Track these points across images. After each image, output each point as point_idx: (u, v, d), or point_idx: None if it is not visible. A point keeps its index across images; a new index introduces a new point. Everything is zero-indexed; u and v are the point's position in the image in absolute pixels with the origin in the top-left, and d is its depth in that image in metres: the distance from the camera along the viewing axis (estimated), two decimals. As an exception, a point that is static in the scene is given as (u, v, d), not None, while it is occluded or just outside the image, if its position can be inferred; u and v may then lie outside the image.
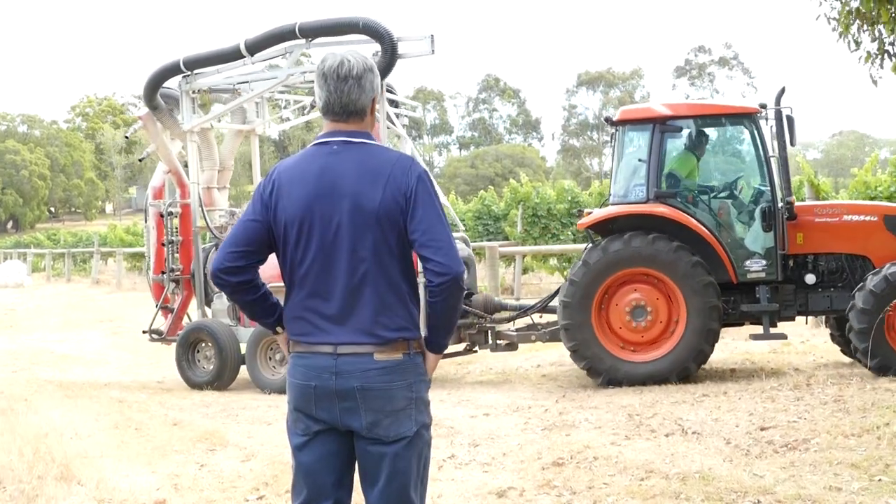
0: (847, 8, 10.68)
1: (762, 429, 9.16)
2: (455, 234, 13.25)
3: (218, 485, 7.97)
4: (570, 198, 26.04)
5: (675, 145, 12.94)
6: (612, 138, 13.41)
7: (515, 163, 74.01)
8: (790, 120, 12.22)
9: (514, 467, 8.16)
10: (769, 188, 12.42)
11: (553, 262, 25.63)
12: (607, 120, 13.12)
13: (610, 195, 12.99)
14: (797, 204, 12.52)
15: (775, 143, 12.31)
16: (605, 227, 12.57)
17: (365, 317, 4.13)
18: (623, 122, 12.89)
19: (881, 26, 10.44)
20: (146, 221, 15.54)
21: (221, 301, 14.19)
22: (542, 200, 26.09)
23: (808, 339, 15.55)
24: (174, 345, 14.33)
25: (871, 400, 10.25)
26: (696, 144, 12.84)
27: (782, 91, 12.42)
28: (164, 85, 14.71)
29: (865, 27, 10.63)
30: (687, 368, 12.09)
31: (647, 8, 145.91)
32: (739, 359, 13.91)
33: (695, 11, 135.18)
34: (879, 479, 7.25)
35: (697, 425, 9.45)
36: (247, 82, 14.55)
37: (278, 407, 11.20)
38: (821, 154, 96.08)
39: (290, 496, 4.44)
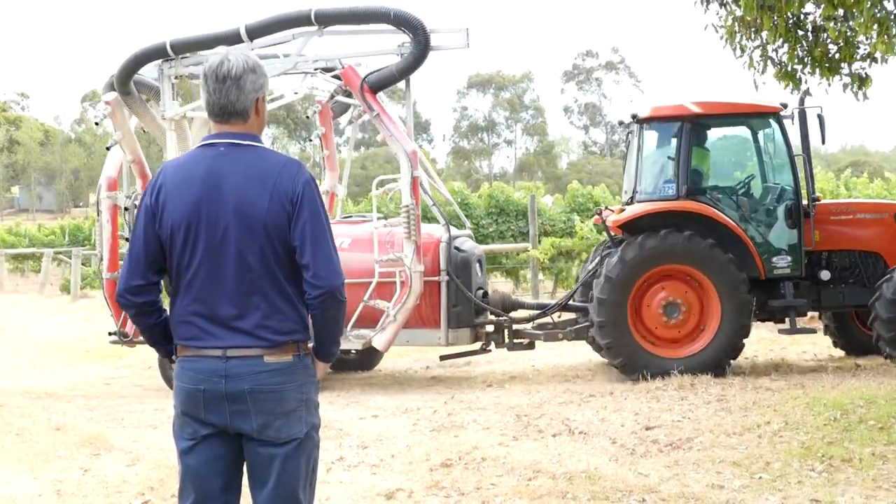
0: (731, 16, 10.91)
1: (647, 428, 9.31)
2: (462, 231, 13.12)
3: (102, 490, 7.84)
4: (459, 199, 26.13)
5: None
6: (628, 136, 13.77)
7: (406, 164, 74.37)
8: (821, 119, 12.54)
9: (403, 469, 8.17)
10: (793, 186, 12.71)
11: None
12: (633, 117, 13.13)
13: (635, 192, 12.99)
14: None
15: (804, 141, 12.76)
16: (635, 225, 12.59)
17: (254, 320, 4.10)
18: (651, 120, 13.06)
19: (764, 33, 10.67)
20: (98, 215, 14.53)
21: None
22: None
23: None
24: (133, 346, 13.74)
25: (752, 399, 10.49)
26: (705, 141, 13.10)
27: (806, 92, 12.47)
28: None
29: (749, 34, 10.87)
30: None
31: (536, 12, 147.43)
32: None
33: (583, 16, 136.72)
34: (760, 477, 7.42)
35: (584, 425, 9.56)
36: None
37: (164, 410, 11.06)
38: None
39: (176, 501, 4.40)
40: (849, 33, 10.09)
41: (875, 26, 9.56)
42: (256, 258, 4.09)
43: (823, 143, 12.83)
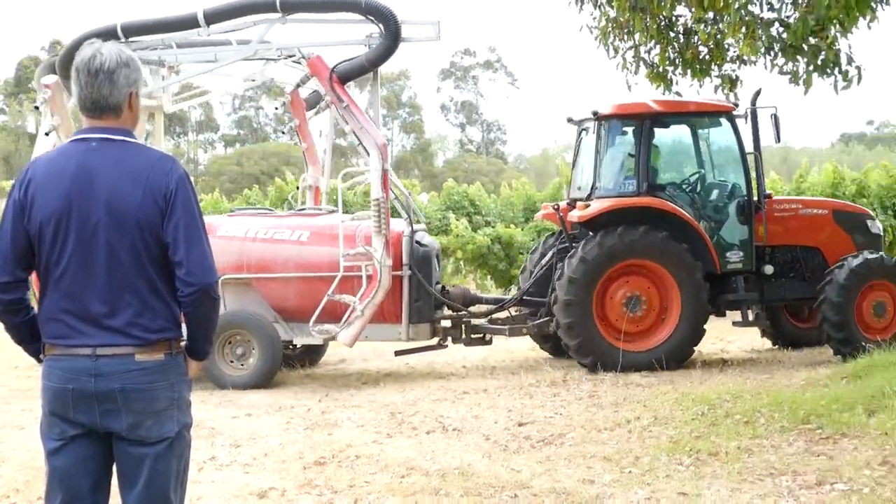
0: (605, 17, 11.06)
1: (520, 424, 9.40)
2: (417, 226, 12.76)
3: (-35, 492, 7.63)
4: (334, 197, 26.03)
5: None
6: (580, 134, 14.01)
7: (282, 161, 73.34)
8: (776, 119, 12.98)
9: (276, 467, 8.11)
10: (745, 183, 13.18)
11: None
12: (594, 113, 13.24)
13: (595, 188, 13.16)
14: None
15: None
16: (597, 221, 12.74)
17: (125, 318, 4.02)
18: (612, 117, 13.24)
19: (637, 35, 10.85)
20: None
21: None
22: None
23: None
24: None
25: (622, 395, 10.66)
26: (664, 138, 13.48)
27: (758, 92, 13.06)
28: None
29: (622, 35, 11.03)
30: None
31: (413, 10, 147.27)
32: (500, 357, 14.21)
33: (461, 15, 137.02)
34: (629, 471, 7.54)
35: (458, 422, 9.61)
36: (171, 55, 13.27)
37: (32, 411, 10.79)
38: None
39: (42, 503, 4.30)
40: (718, 35, 10.30)
41: (743, 29, 9.78)
42: (128, 255, 4.02)
43: (778, 141, 13.38)
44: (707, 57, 10.94)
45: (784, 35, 9.83)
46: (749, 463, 7.61)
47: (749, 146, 13.31)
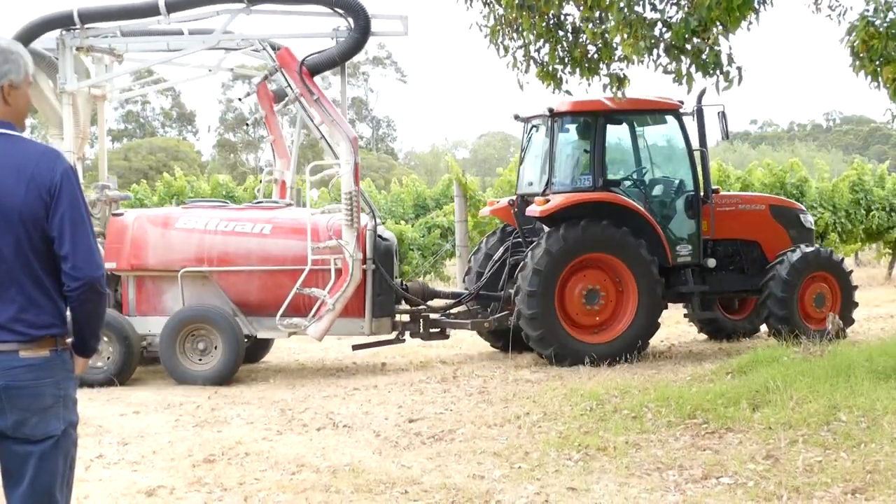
0: (494, 15, 11.10)
1: (411, 421, 9.40)
2: (374, 221, 12.59)
3: None
4: (224, 192, 25.75)
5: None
6: (530, 130, 14.22)
7: (170, 156, 72.41)
8: (723, 116, 13.52)
9: (165, 465, 8.00)
10: (692, 178, 13.57)
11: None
12: (550, 110, 13.31)
13: (550, 183, 13.27)
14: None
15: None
16: (555, 216, 12.82)
17: (9, 314, 3.94)
18: (567, 114, 13.47)
19: (525, 33, 10.91)
20: None
21: None
22: (196, 195, 25.63)
23: (456, 332, 16.05)
24: None
25: (512, 391, 10.73)
26: (616, 134, 13.86)
27: (703, 92, 13.34)
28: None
29: (512, 34, 11.08)
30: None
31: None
32: (390, 353, 14.19)
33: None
34: (519, 467, 7.58)
35: (348, 419, 9.59)
36: (123, 43, 12.97)
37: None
38: (469, 153, 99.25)
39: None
40: (605, 35, 10.41)
41: (627, 29, 9.89)
42: (12, 250, 3.93)
43: (726, 138, 13.91)
44: (595, 56, 11.04)
45: (667, 35, 9.98)
46: (636, 457, 7.70)
47: (694, 143, 13.75)
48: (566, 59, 11.06)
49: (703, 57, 10.23)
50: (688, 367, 11.92)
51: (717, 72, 10.40)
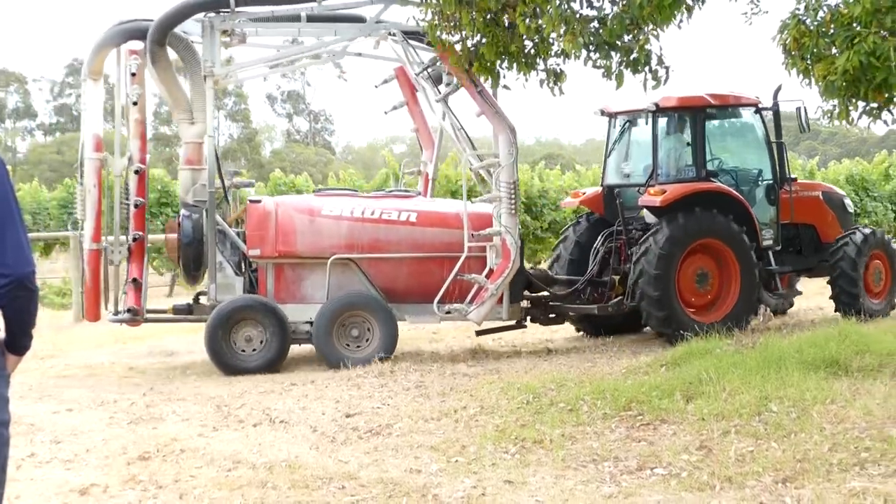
0: (432, 9, 11.13)
1: (348, 416, 9.40)
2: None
3: None
4: (159, 187, 25.55)
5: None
6: (618, 125, 15.07)
7: (105, 150, 71.99)
8: (802, 111, 14.38)
9: (99, 463, 7.94)
10: (772, 168, 14.73)
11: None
12: (655, 105, 13.97)
13: (656, 175, 14.06)
14: None
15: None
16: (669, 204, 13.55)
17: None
18: (670, 109, 14.21)
19: (464, 28, 10.95)
20: (81, 178, 13.00)
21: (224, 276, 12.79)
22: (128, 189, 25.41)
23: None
24: (138, 324, 13.11)
25: (449, 385, 10.76)
26: (713, 128, 14.76)
27: (779, 87, 14.42)
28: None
29: (450, 29, 11.11)
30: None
31: None
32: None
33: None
34: (456, 460, 7.61)
35: (285, 414, 9.56)
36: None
37: None
38: (407, 147, 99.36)
39: None
40: (541, 30, 10.46)
41: (563, 24, 9.95)
42: (-60, 245, 3.88)
43: (803, 131, 14.77)
44: (532, 51, 11.10)
45: (601, 32, 10.06)
46: (573, 450, 7.77)
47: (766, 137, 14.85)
48: (503, 54, 11.12)
49: (633, 55, 10.35)
50: (623, 359, 12.02)
51: (646, 70, 10.52)
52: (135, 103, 12.95)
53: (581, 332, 15.11)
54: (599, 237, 14.61)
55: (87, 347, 14.45)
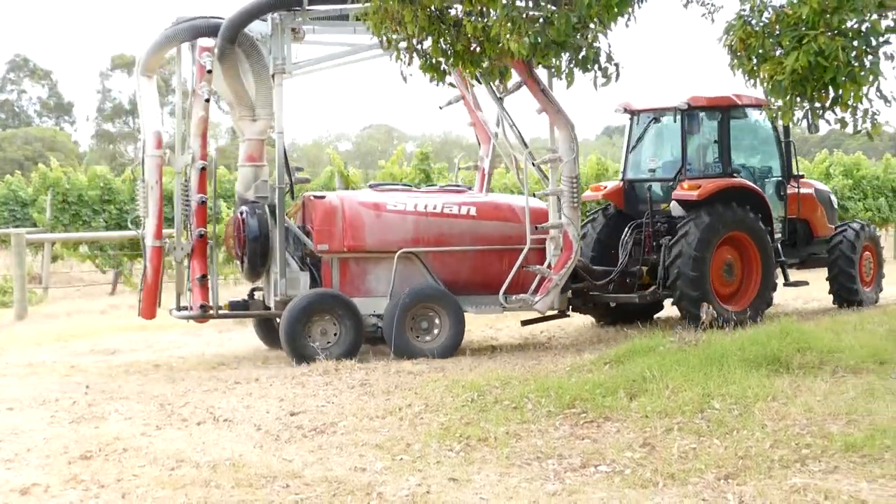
0: (376, 7, 11.10)
1: (292, 414, 9.37)
2: None
3: None
4: (102, 184, 25.33)
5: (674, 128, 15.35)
6: (641, 122, 15.72)
7: (46, 146, 70.89)
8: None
9: (40, 463, 7.84)
10: (781, 166, 15.79)
11: (84, 249, 24.73)
12: (688, 105, 14.60)
13: (685, 170, 14.84)
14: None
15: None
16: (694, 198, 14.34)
17: None
18: (700, 108, 14.85)
19: (408, 26, 10.93)
20: (144, 175, 13.03)
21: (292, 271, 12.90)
22: (73, 186, 25.17)
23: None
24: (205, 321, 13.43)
25: (394, 383, 10.76)
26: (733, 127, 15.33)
27: None
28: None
29: (395, 26, 11.10)
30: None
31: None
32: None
33: (230, 1, 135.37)
34: (401, 458, 7.62)
35: (229, 412, 9.52)
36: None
37: None
38: (352, 145, 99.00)
39: None
40: (487, 29, 10.48)
41: (509, 24, 9.97)
42: None
43: (811, 132, 14.74)
44: (478, 49, 11.12)
45: (548, 31, 10.10)
46: (517, 448, 7.79)
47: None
48: (448, 52, 11.13)
49: (582, 53, 10.40)
50: (567, 357, 12.06)
51: (596, 68, 10.58)
52: (207, 100, 13.02)
53: (600, 323, 15.79)
54: (627, 229, 15.08)
55: (27, 346, 14.29)
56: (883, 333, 11.83)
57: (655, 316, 15.94)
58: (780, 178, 15.77)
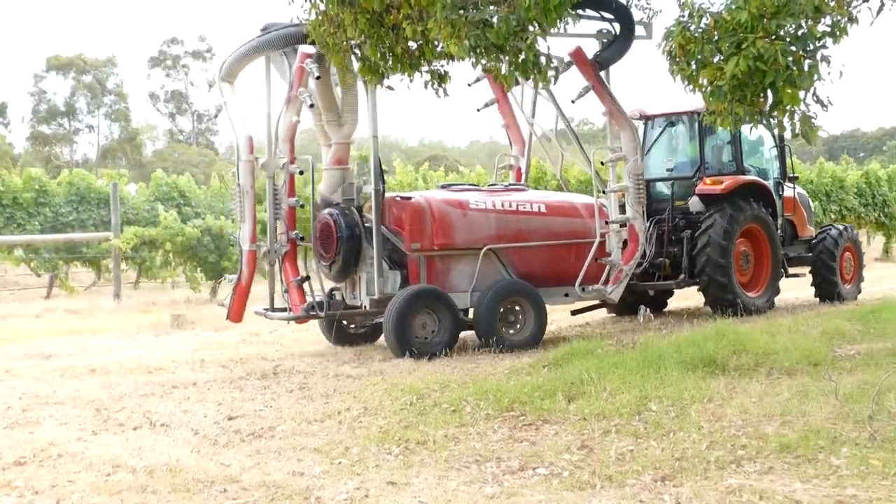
0: (316, 10, 11.08)
1: (230, 418, 9.32)
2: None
3: None
4: (37, 186, 25.03)
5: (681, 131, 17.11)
6: (657, 125, 17.09)
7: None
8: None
9: (-28, 469, 7.75)
10: (778, 167, 17.33)
11: (19, 252, 24.39)
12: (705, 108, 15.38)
13: (704, 168, 16.35)
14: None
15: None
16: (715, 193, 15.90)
17: None
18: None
19: (348, 28, 10.92)
20: (239, 180, 13.28)
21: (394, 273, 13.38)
22: (7, 189, 24.83)
23: (275, 329, 15.97)
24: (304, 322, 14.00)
25: (333, 387, 10.74)
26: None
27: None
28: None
29: (334, 29, 11.08)
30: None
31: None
32: (209, 349, 14.05)
33: (168, 2, 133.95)
34: (339, 462, 7.59)
35: (166, 417, 9.45)
36: None
37: None
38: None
39: None
40: (426, 32, 10.48)
41: (448, 27, 9.98)
42: None
43: (804, 136, 16.25)
44: (417, 52, 11.12)
45: (488, 34, 10.11)
46: (456, 451, 7.80)
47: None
48: (387, 55, 11.12)
49: (522, 57, 10.43)
50: (506, 360, 12.09)
51: (536, 71, 10.62)
52: (311, 105, 13.27)
53: (610, 313, 16.83)
54: (649, 223, 15.87)
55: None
56: (816, 335, 12.01)
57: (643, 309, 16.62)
58: (778, 179, 17.17)
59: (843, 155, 47.68)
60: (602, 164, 14.63)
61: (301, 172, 13.64)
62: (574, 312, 15.71)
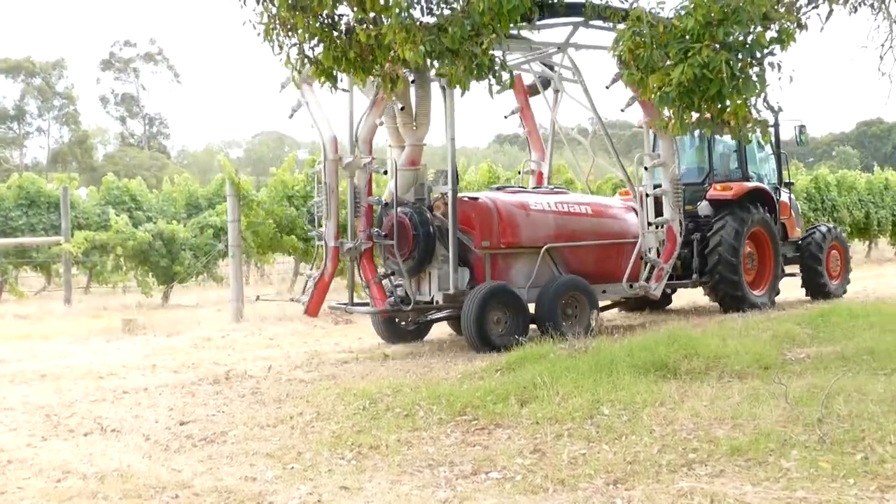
0: (268, 13, 11.05)
1: (182, 423, 9.27)
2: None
3: None
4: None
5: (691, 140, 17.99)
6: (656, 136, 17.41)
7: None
8: (801, 128, 18.59)
9: (-81, 476, 7.66)
10: (776, 174, 18.44)
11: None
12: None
13: (712, 175, 17.61)
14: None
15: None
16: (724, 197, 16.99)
17: None
18: None
19: (299, 32, 10.90)
20: (325, 178, 13.43)
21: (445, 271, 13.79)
22: (-44, 192, 24.59)
23: (228, 333, 15.91)
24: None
25: (286, 391, 10.70)
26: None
27: (780, 109, 16.10)
28: None
29: (286, 32, 11.06)
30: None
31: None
32: (161, 354, 13.96)
33: (119, 4, 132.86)
34: (292, 467, 7.57)
35: (117, 423, 9.38)
36: None
37: None
38: (243, 153, 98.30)
39: None
40: (380, 36, 10.49)
41: (403, 32, 10.00)
42: None
43: (799, 144, 18.83)
44: (370, 56, 11.12)
45: (442, 39, 10.14)
46: (409, 455, 7.80)
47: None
48: (341, 59, 11.11)
49: (476, 61, 10.46)
50: (459, 364, 12.10)
51: (491, 76, 10.66)
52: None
53: (619, 310, 17.99)
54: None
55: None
56: (767, 339, 12.10)
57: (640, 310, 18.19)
58: (775, 185, 18.21)
59: (792, 160, 48.10)
60: (645, 169, 15.29)
61: (385, 172, 14.06)
62: (600, 309, 15.94)
